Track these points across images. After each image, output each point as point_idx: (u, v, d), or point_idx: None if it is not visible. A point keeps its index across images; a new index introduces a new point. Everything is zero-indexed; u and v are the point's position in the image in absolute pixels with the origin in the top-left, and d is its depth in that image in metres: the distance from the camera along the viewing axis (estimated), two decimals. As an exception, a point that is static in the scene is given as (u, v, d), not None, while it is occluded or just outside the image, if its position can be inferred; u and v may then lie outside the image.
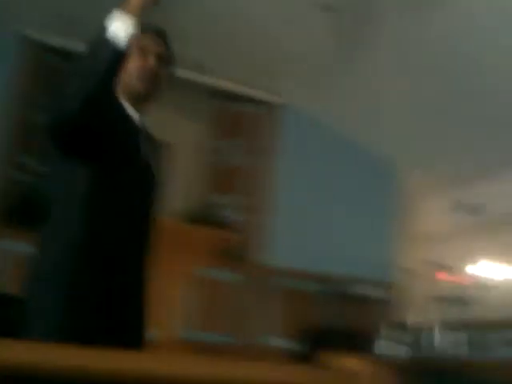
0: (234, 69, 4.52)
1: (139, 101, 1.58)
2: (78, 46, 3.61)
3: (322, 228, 4.68)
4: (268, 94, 4.81)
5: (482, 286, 4.54)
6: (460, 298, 4.52)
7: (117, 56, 1.32)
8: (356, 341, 3.92)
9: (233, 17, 3.82)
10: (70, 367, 0.70)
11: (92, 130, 1.32)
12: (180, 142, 4.34)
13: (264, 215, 4.63)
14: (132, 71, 1.53)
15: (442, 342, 4.49)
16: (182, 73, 3.80)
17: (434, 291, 4.84)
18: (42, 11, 3.87)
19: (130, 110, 1.57)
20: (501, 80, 3.71)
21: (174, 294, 2.92)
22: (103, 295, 1.38)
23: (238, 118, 4.83)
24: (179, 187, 4.08)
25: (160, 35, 1.63)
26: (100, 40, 1.32)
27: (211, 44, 4.17)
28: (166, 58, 1.62)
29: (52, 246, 1.39)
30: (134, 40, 1.36)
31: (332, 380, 0.82)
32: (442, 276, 4.96)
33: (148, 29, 1.56)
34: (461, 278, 4.71)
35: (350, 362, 0.82)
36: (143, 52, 1.56)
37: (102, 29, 1.32)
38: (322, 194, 4.79)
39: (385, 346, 4.22)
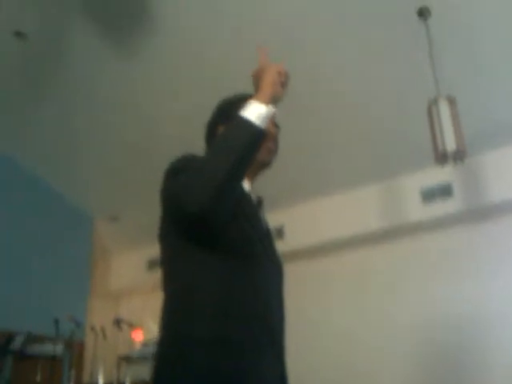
0: None
1: (260, 170, 1.42)
2: None
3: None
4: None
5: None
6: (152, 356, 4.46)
7: (257, 138, 1.15)
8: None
9: None
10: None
11: (219, 221, 1.15)
12: None
13: None
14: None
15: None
16: None
17: (124, 350, 4.71)
18: None
19: (246, 183, 1.39)
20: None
21: None
22: None
23: None
24: None
25: None
26: (234, 126, 1.16)
27: None
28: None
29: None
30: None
31: None
32: (135, 334, 4.88)
33: None
34: (152, 334, 4.68)
35: None
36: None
37: (235, 117, 1.17)
38: (10, 237, 4.34)
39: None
